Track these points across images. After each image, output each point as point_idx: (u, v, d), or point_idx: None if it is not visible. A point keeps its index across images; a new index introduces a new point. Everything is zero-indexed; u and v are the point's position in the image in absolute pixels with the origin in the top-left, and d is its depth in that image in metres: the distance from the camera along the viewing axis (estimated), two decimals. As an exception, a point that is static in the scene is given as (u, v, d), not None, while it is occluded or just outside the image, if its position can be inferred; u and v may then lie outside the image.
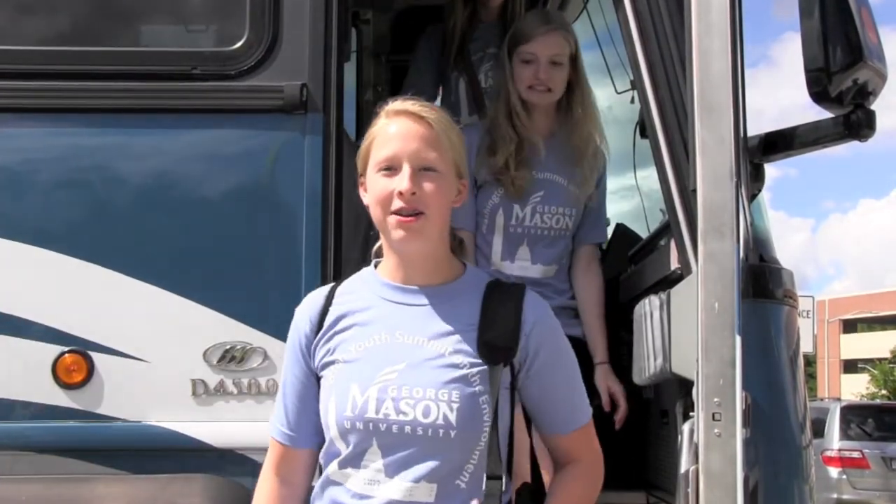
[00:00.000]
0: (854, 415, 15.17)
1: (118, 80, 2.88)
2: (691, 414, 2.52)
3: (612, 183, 4.99)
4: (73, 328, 2.80)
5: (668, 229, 2.96)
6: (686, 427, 2.55)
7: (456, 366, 1.97)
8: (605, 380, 3.24)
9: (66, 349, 2.80)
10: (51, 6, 3.07)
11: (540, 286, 3.14)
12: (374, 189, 2.02)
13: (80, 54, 2.93)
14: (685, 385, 2.65)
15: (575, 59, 3.29)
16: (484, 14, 4.09)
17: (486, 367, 1.97)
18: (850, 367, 52.70)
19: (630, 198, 4.64)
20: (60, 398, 2.79)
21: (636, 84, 2.92)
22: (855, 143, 2.72)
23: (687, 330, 2.55)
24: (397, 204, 1.98)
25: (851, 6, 2.59)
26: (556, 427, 2.11)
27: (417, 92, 4.04)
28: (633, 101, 3.69)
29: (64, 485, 2.76)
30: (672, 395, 2.99)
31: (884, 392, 40.90)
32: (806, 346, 17.25)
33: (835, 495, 14.04)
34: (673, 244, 2.83)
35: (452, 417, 1.93)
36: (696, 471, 2.45)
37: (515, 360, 2.02)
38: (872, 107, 2.67)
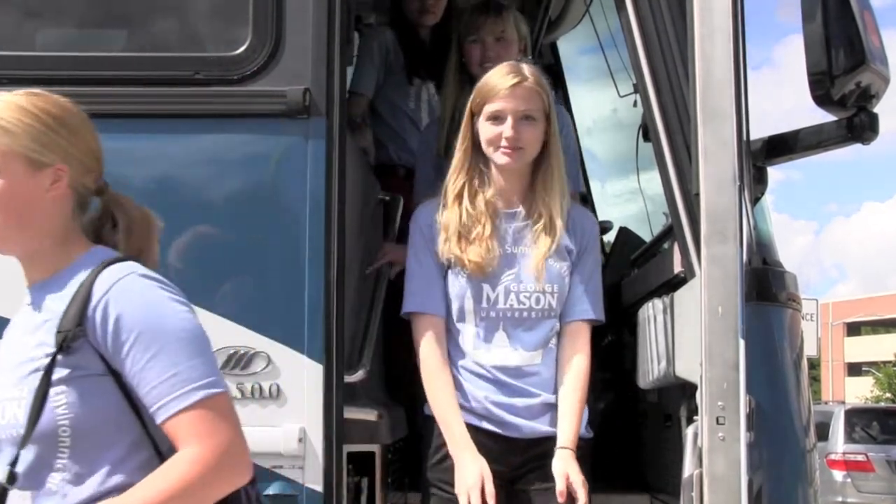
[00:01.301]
0: (858, 418, 15.14)
1: (121, 85, 2.88)
2: (695, 418, 2.52)
3: (616, 186, 5.01)
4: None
5: (671, 233, 2.96)
6: (690, 431, 2.55)
7: (32, 359, 1.84)
8: (566, 467, 2.68)
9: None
10: (53, 11, 3.08)
11: (522, 377, 2.79)
12: None
13: (82, 59, 2.94)
14: (689, 389, 2.65)
15: (549, 115, 2.84)
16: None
17: (57, 356, 1.80)
18: (854, 370, 52.64)
19: (633, 201, 4.65)
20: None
21: (639, 88, 2.92)
22: (858, 146, 2.72)
23: (690, 333, 2.55)
24: None
25: (854, 9, 2.60)
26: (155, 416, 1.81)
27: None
28: (635, 104, 3.69)
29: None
30: (676, 398, 2.99)
31: (888, 395, 40.82)
32: (809, 350, 17.21)
33: (839, 499, 14.00)
34: (676, 248, 2.84)
35: (21, 415, 1.81)
36: (700, 474, 2.45)
37: (94, 343, 1.81)
38: (875, 110, 2.67)
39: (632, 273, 3.85)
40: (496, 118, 2.77)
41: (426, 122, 4.03)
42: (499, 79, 2.78)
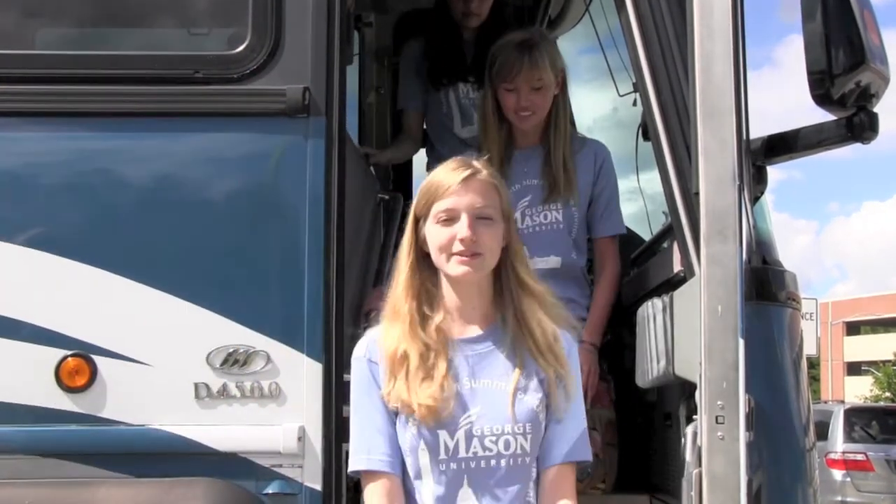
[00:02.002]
0: (858, 417, 15.15)
1: (120, 84, 2.88)
2: (694, 417, 2.52)
3: (615, 186, 4.99)
4: (75, 332, 2.80)
5: (670, 232, 2.96)
6: (689, 430, 2.55)
7: None
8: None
9: (69, 353, 2.79)
10: (52, 10, 3.08)
11: None
12: None
13: (82, 58, 2.94)
14: (688, 388, 2.65)
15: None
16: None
17: None
18: (854, 369, 52.63)
19: (633, 201, 4.64)
20: (63, 402, 2.79)
21: (639, 87, 2.92)
22: (859, 146, 2.72)
23: (690, 333, 2.55)
24: None
25: (854, 8, 2.59)
26: None
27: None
28: (635, 103, 3.69)
29: (67, 489, 2.76)
30: (675, 398, 2.99)
31: (887, 394, 40.82)
32: (809, 349, 17.21)
33: (839, 498, 14.01)
34: (676, 247, 2.84)
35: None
36: (700, 474, 2.45)
37: None
38: (876, 109, 2.67)
39: (631, 272, 3.84)
40: (448, 219, 2.32)
41: (458, 120, 4.06)
42: (447, 174, 2.36)
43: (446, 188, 2.32)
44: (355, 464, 2.33)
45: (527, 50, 3.43)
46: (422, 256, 2.36)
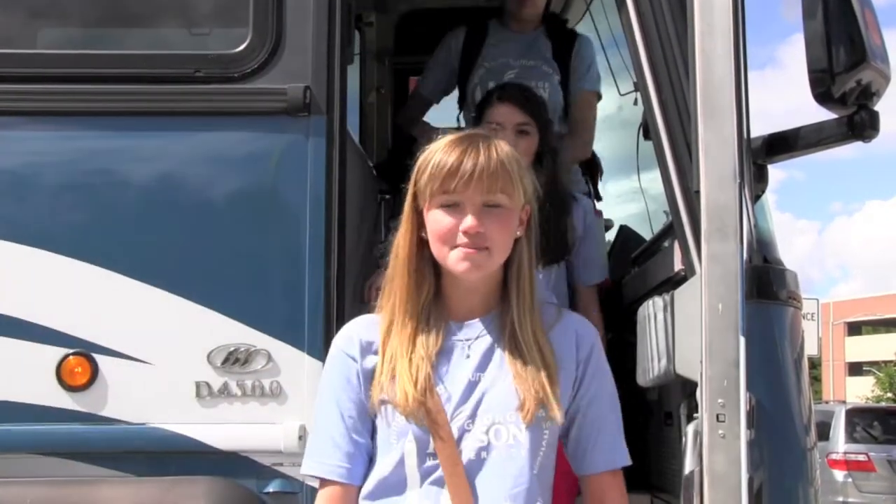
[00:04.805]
0: (859, 418, 15.13)
1: (121, 83, 2.88)
2: (695, 415, 2.52)
3: (616, 185, 5.00)
4: (76, 330, 2.80)
5: (671, 231, 2.96)
6: (690, 428, 2.55)
7: None
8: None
9: (70, 351, 2.80)
10: (53, 10, 3.08)
11: None
12: None
13: (83, 57, 2.94)
14: (689, 386, 2.65)
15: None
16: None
17: None
18: (855, 369, 52.62)
19: (634, 199, 4.64)
20: (64, 400, 2.80)
21: (639, 86, 2.92)
22: (862, 145, 2.72)
23: (691, 331, 2.55)
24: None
25: (855, 7, 2.59)
26: None
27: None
28: (636, 102, 3.69)
29: (68, 487, 2.76)
30: (676, 396, 2.98)
31: (889, 395, 40.81)
32: (810, 349, 17.20)
33: (840, 498, 13.99)
34: (676, 246, 2.83)
35: None
36: (700, 472, 2.44)
37: None
38: (878, 107, 2.67)
39: (632, 271, 3.84)
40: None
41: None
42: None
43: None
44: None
45: None
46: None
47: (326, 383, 2.09)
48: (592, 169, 4.16)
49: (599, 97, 4.12)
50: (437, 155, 2.02)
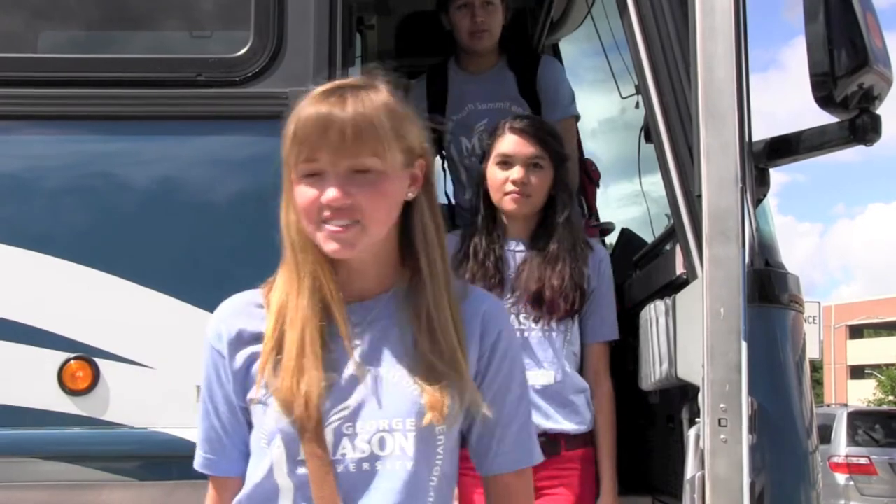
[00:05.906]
0: (861, 421, 15.11)
1: (122, 88, 2.88)
2: (697, 419, 2.52)
3: (618, 189, 5.00)
4: (78, 335, 2.80)
5: (673, 234, 2.96)
6: (692, 433, 2.55)
7: None
8: None
9: (72, 356, 2.80)
10: (55, 13, 3.08)
11: None
12: None
13: (84, 61, 2.94)
14: (691, 390, 2.65)
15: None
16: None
17: None
18: (857, 372, 52.61)
19: (635, 203, 4.64)
20: (66, 405, 2.79)
21: (641, 89, 2.92)
22: (865, 148, 2.72)
23: (692, 335, 2.54)
24: None
25: (857, 10, 2.59)
26: None
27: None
28: (637, 106, 3.69)
29: (70, 492, 2.76)
30: (678, 400, 2.98)
31: (891, 398, 40.81)
32: (812, 352, 17.20)
33: (842, 502, 13.98)
34: (678, 249, 2.83)
35: None
36: (703, 476, 2.44)
37: None
38: (880, 111, 2.67)
39: (634, 275, 3.84)
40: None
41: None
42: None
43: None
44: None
45: None
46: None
47: (203, 373, 1.86)
48: (586, 187, 4.02)
49: (578, 118, 3.93)
50: (299, 113, 1.73)
